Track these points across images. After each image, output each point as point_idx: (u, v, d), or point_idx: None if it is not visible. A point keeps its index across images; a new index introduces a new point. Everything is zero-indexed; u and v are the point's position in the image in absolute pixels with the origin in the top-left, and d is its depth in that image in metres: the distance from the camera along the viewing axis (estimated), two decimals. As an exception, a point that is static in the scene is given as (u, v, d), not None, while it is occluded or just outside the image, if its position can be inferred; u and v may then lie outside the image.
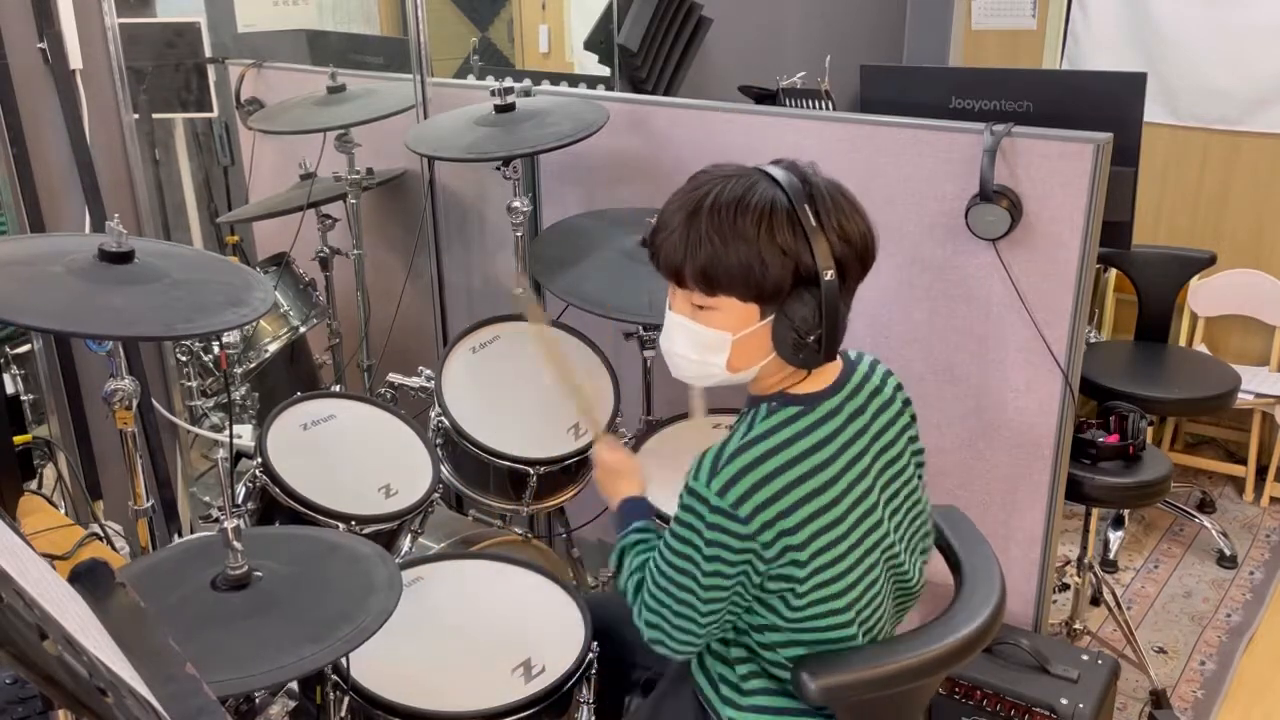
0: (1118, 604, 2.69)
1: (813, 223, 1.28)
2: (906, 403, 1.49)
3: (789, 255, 1.27)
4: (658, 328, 2.20)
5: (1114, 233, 2.17)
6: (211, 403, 2.65)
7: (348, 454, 2.04)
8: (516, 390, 2.22)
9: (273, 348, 2.71)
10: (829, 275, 1.28)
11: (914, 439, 1.50)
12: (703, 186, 1.32)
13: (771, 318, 1.32)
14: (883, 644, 1.43)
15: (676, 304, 1.38)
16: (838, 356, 1.43)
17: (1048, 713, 1.98)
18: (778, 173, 1.32)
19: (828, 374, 1.41)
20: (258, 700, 1.43)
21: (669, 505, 1.60)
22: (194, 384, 2.62)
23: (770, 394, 1.40)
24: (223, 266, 1.79)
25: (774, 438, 1.33)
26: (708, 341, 1.35)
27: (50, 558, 1.77)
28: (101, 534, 2.03)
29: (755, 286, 1.29)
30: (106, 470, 2.36)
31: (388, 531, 1.93)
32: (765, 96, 3.22)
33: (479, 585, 1.82)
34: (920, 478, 1.50)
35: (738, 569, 1.32)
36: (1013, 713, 2.02)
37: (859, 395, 1.42)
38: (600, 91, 2.85)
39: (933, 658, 1.37)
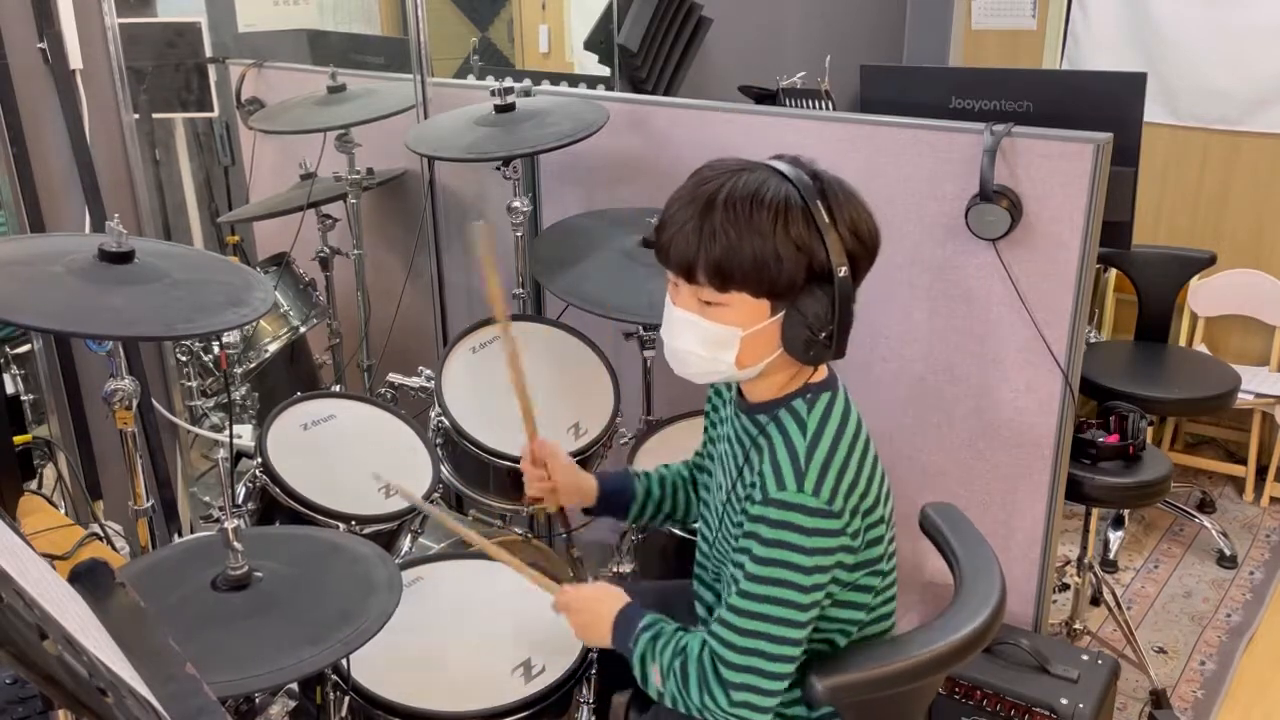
0: (1118, 604, 2.69)
1: (825, 219, 1.27)
2: None
3: (803, 251, 1.26)
4: (658, 327, 2.21)
5: (1114, 233, 2.17)
6: (211, 403, 2.65)
7: (348, 454, 2.04)
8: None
9: (273, 348, 2.71)
10: (843, 272, 1.28)
11: None
12: (713, 181, 1.30)
13: (782, 314, 1.31)
14: (886, 643, 1.43)
15: (681, 300, 1.35)
16: None
17: (1048, 713, 1.98)
18: (786, 168, 1.31)
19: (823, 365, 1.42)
20: (258, 700, 1.43)
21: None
22: (194, 384, 2.62)
23: (794, 391, 1.38)
24: (223, 266, 1.79)
25: (831, 425, 1.33)
26: (717, 338, 1.33)
27: (50, 558, 1.77)
28: (101, 534, 2.03)
29: (769, 282, 1.28)
30: (106, 470, 2.36)
31: (388, 531, 1.93)
32: (765, 96, 3.22)
33: (479, 585, 1.82)
34: None
35: (831, 569, 1.31)
36: (1013, 713, 2.01)
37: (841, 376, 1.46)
38: (600, 91, 2.85)
39: (934, 657, 1.37)
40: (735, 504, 1.39)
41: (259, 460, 1.90)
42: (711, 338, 1.33)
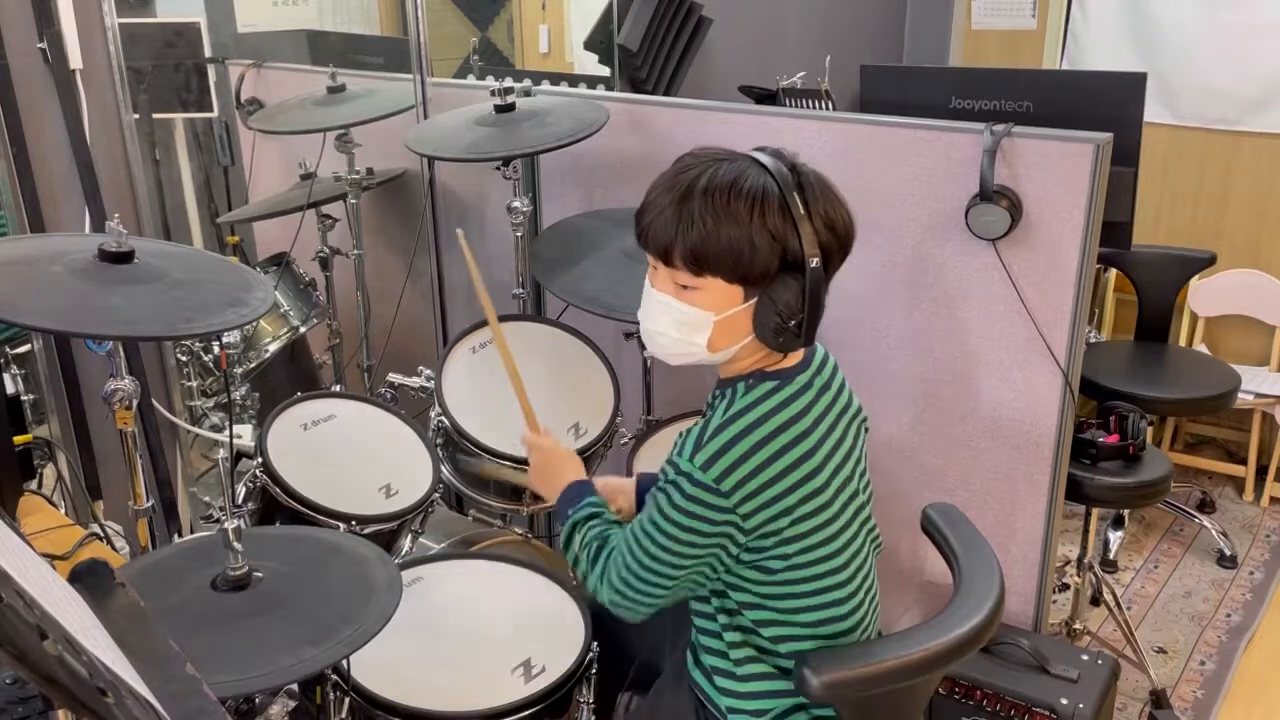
0: (1118, 604, 2.69)
1: (801, 210, 1.31)
2: (842, 374, 1.54)
3: (777, 240, 1.31)
4: (658, 328, 2.21)
5: (1114, 233, 2.17)
6: (211, 403, 2.65)
7: (348, 454, 2.04)
8: (516, 390, 2.21)
9: (273, 348, 2.71)
10: (814, 263, 1.32)
11: (859, 406, 1.54)
12: (693, 169, 1.36)
13: (754, 300, 1.35)
14: (883, 640, 1.43)
15: (659, 282, 1.41)
16: None
17: (1048, 713, 1.98)
18: (766, 160, 1.36)
19: (796, 352, 1.44)
20: (258, 700, 1.43)
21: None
22: (194, 384, 2.62)
23: (747, 372, 1.42)
24: (223, 266, 1.79)
25: (755, 411, 1.36)
26: (691, 320, 1.38)
27: (50, 558, 1.77)
28: (101, 534, 2.03)
29: (743, 269, 1.32)
30: (106, 470, 2.36)
31: (388, 531, 1.92)
32: (765, 96, 3.22)
33: (479, 585, 1.82)
34: (865, 443, 1.55)
35: (713, 540, 1.35)
36: (1013, 713, 2.01)
37: (824, 370, 1.47)
38: (600, 91, 2.85)
39: (932, 654, 1.37)
40: None
41: (259, 460, 1.90)
42: (685, 320, 1.38)
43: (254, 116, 2.96)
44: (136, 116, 2.37)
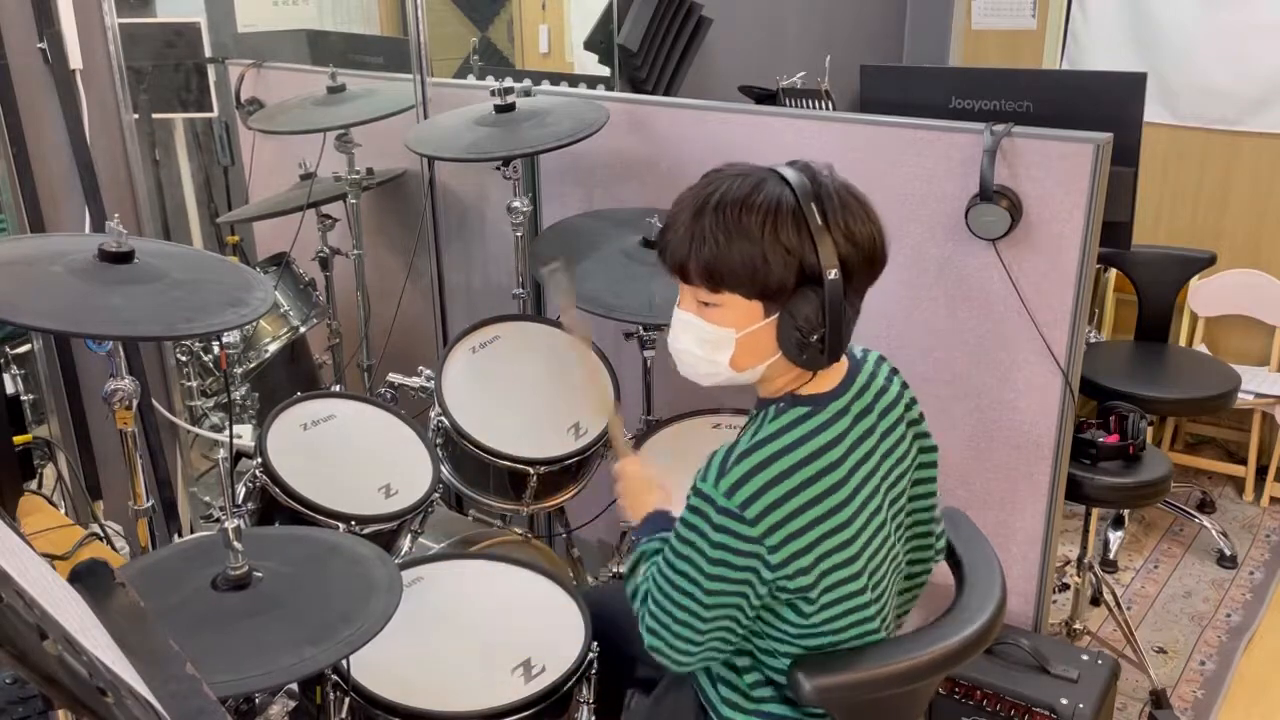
0: (1118, 604, 2.69)
1: (819, 221, 1.27)
2: (912, 401, 1.49)
3: (793, 254, 1.27)
4: (658, 327, 2.21)
5: (1114, 233, 2.17)
6: (211, 403, 2.65)
7: (348, 454, 2.04)
8: (516, 390, 2.22)
9: (273, 348, 2.71)
10: (832, 275, 1.27)
11: (922, 435, 1.49)
12: (712, 184, 1.33)
13: (775, 316, 1.31)
14: (882, 645, 1.42)
15: (684, 301, 1.38)
16: (844, 356, 1.42)
17: (1048, 713, 1.98)
18: (789, 173, 1.31)
19: (835, 374, 1.40)
20: (258, 700, 1.43)
21: (675, 507, 1.60)
22: (194, 384, 2.62)
23: (778, 396, 1.39)
24: (223, 266, 1.79)
25: (782, 439, 1.33)
26: (712, 338, 1.35)
27: (50, 558, 1.77)
28: (101, 534, 2.03)
29: (759, 284, 1.29)
30: (106, 470, 2.36)
31: (388, 531, 1.92)
32: (765, 96, 3.22)
33: (479, 585, 1.82)
34: (932, 479, 1.51)
35: (741, 574, 1.31)
36: (1013, 713, 2.01)
37: (865, 395, 1.41)
38: (600, 91, 2.85)
39: (932, 659, 1.37)
40: None
41: (259, 460, 1.90)
42: (707, 338, 1.35)
43: (254, 116, 2.96)
44: (136, 116, 2.37)
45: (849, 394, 1.39)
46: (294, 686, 1.44)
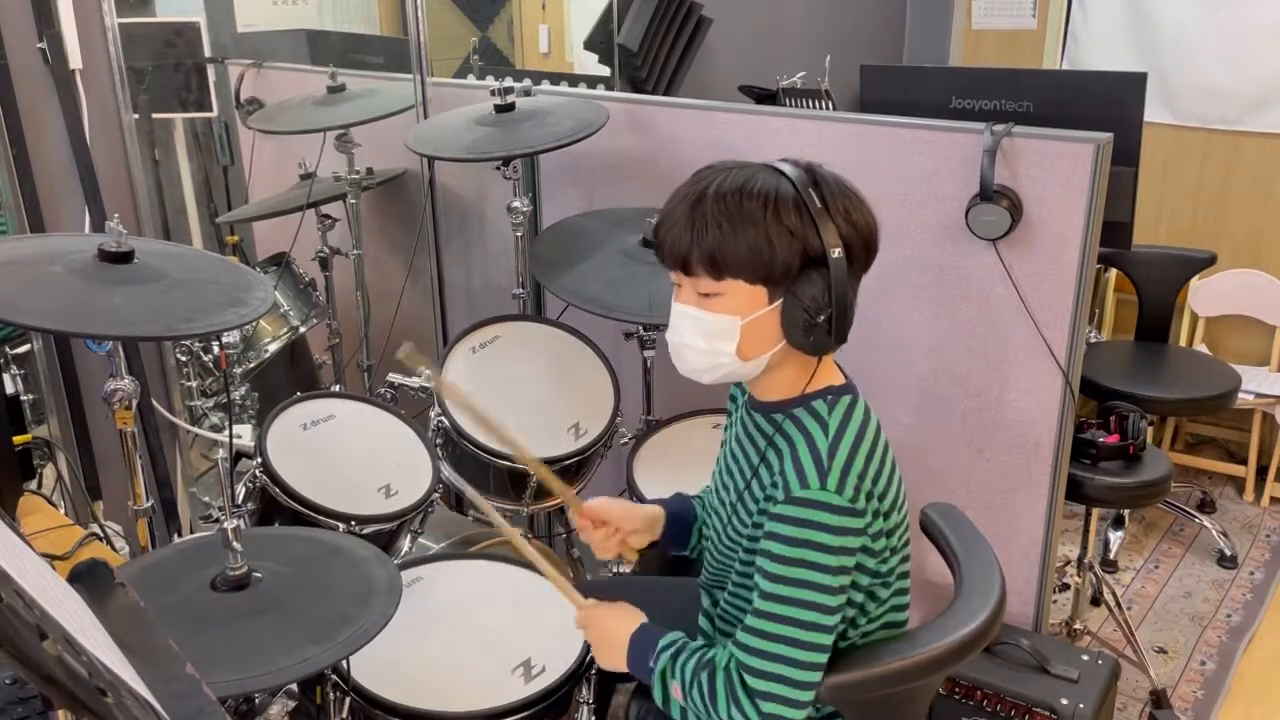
0: (1118, 604, 2.69)
1: (819, 205, 1.28)
2: None
3: (796, 236, 1.28)
4: (658, 328, 2.21)
5: (1114, 233, 2.17)
6: (211, 403, 2.65)
7: (348, 454, 2.04)
8: (516, 390, 2.22)
9: (273, 348, 2.71)
10: (836, 253, 1.28)
11: None
12: (704, 179, 1.33)
13: (780, 301, 1.31)
14: (886, 642, 1.43)
15: (682, 296, 1.36)
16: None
17: (1048, 713, 1.98)
18: (782, 165, 1.33)
19: (833, 370, 1.41)
20: (258, 700, 1.43)
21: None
22: (194, 384, 2.62)
23: (813, 392, 1.37)
24: (223, 266, 1.79)
25: (853, 426, 1.33)
26: (716, 328, 1.33)
27: (50, 558, 1.77)
28: (101, 534, 2.03)
29: (763, 268, 1.29)
30: (106, 470, 2.36)
31: (388, 531, 1.93)
32: (765, 96, 3.22)
33: (479, 585, 1.82)
34: None
35: (853, 569, 1.31)
36: (1013, 713, 2.01)
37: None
38: (600, 91, 2.85)
39: (935, 656, 1.37)
40: (749, 503, 1.37)
41: (259, 460, 1.90)
42: (711, 329, 1.33)
43: (254, 116, 2.96)
44: (136, 116, 2.37)
45: (855, 386, 1.42)
46: (294, 686, 1.44)
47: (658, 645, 1.40)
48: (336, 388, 2.84)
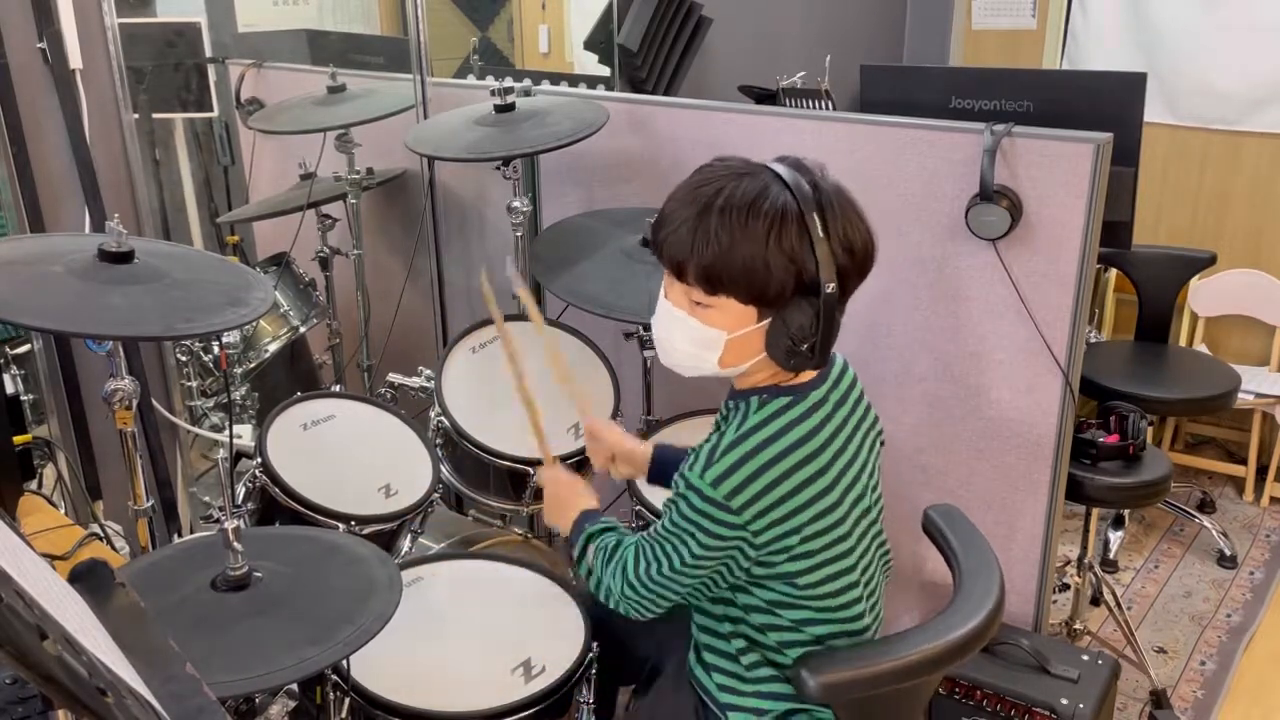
0: (1118, 604, 2.69)
1: (820, 233, 1.28)
2: (860, 386, 1.53)
3: (794, 263, 1.28)
4: (657, 327, 2.21)
5: (1114, 233, 2.17)
6: (211, 403, 2.66)
7: (348, 454, 2.04)
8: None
9: (273, 348, 2.71)
10: (830, 288, 1.30)
11: (874, 420, 1.53)
12: (712, 183, 1.32)
13: (768, 321, 1.33)
14: (882, 641, 1.43)
15: (673, 295, 1.38)
16: None
17: (1048, 713, 1.98)
18: (786, 174, 1.31)
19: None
20: (258, 700, 1.43)
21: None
22: (194, 384, 2.62)
23: (761, 387, 1.41)
24: (223, 266, 1.79)
25: (768, 428, 1.35)
26: (703, 337, 1.36)
27: (50, 558, 1.77)
28: (101, 534, 2.03)
29: (758, 289, 1.30)
30: (106, 470, 2.36)
31: (388, 532, 1.92)
32: (765, 96, 3.22)
33: (479, 585, 1.82)
34: (879, 466, 1.54)
35: (723, 553, 1.36)
36: (1013, 713, 2.01)
37: (841, 384, 1.46)
38: (600, 91, 2.85)
39: (931, 656, 1.37)
40: None
41: (259, 460, 1.90)
42: (697, 337, 1.37)
43: (254, 116, 2.97)
44: (136, 116, 2.37)
45: (827, 384, 1.43)
46: (294, 686, 1.44)
47: (599, 520, 1.56)
48: (336, 388, 2.84)
